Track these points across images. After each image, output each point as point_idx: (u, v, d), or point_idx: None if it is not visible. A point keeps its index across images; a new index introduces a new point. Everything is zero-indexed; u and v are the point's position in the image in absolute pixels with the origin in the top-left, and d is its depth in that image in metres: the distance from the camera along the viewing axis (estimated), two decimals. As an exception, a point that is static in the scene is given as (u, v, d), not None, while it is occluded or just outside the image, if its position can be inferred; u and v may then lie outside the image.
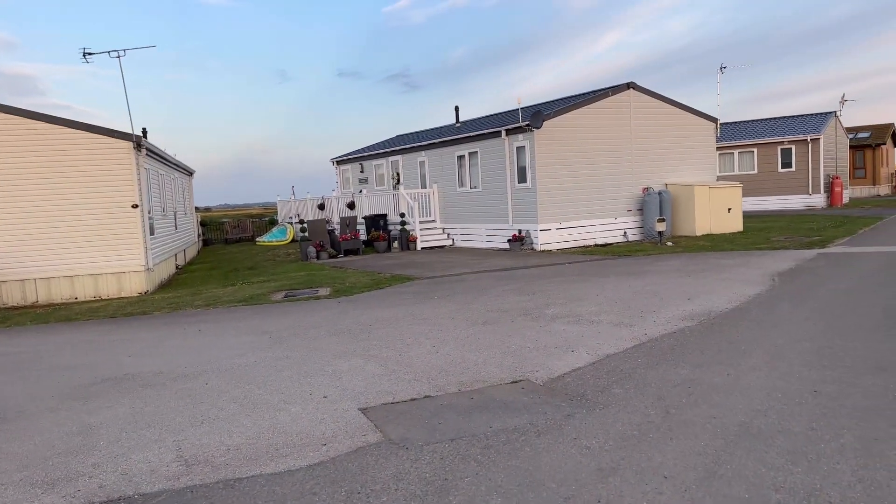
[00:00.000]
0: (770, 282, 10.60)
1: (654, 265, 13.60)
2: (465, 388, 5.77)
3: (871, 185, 41.71)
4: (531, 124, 17.89)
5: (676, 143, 20.87)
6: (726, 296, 9.54)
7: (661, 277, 11.68)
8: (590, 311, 8.96)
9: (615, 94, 19.61)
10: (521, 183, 18.76)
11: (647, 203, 19.62)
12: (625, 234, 19.87)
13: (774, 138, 31.89)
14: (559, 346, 7.06)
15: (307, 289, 12.98)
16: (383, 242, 20.59)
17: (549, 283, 11.78)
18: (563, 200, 18.55)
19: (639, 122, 19.99)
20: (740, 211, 21.06)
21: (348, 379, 6.28)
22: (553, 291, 10.81)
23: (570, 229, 18.79)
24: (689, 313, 8.44)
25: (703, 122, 21.66)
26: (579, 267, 14.12)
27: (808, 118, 33.44)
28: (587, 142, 18.96)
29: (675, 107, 20.93)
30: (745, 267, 12.46)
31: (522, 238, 18.65)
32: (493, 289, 11.56)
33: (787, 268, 12.03)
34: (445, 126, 26.34)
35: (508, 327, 8.17)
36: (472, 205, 20.88)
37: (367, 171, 26.62)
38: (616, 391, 5.44)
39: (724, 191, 20.73)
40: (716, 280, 11.06)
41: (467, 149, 20.88)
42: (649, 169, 20.26)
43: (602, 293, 10.35)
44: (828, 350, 6.24)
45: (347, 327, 8.78)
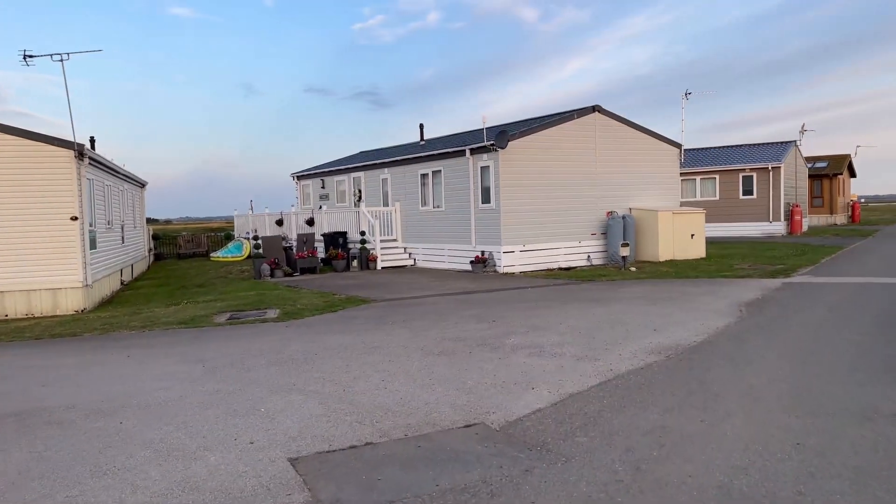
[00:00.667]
0: (738, 312, 10.23)
1: (618, 292, 13.18)
2: (412, 433, 5.14)
3: (828, 214, 42.45)
4: (496, 144, 17.47)
5: (641, 168, 20.68)
6: (693, 327, 9.11)
7: (625, 305, 11.24)
8: (552, 341, 8.42)
9: (581, 116, 19.35)
10: (484, 203, 18.29)
11: (612, 227, 19.33)
12: (588, 258, 19.52)
13: (736, 165, 32.17)
14: (519, 383, 6.48)
15: (255, 310, 12.21)
16: (342, 261, 19.87)
17: (510, 310, 11.25)
18: (526, 222, 18.12)
19: (604, 146, 19.75)
20: (703, 237, 20.93)
21: (282, 420, 5.60)
22: (514, 319, 10.27)
23: (533, 252, 18.35)
24: (657, 346, 7.97)
25: (667, 148, 21.55)
26: (542, 292, 13.63)
27: (770, 147, 33.87)
28: (552, 164, 18.61)
29: (639, 131, 20.77)
30: (711, 296, 12.11)
31: (485, 260, 18.14)
32: (452, 314, 10.97)
33: (754, 298, 11.71)
34: (409, 144, 25.84)
35: (465, 359, 7.58)
36: (434, 224, 20.34)
37: (329, 187, 25.91)
38: (580, 440, 4.88)
39: (688, 217, 20.58)
40: (682, 310, 10.66)
41: (431, 167, 20.37)
42: (613, 193, 20.00)
43: (565, 322, 9.84)
44: (806, 394, 5.78)
45: (291, 356, 8.07)
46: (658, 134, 21.28)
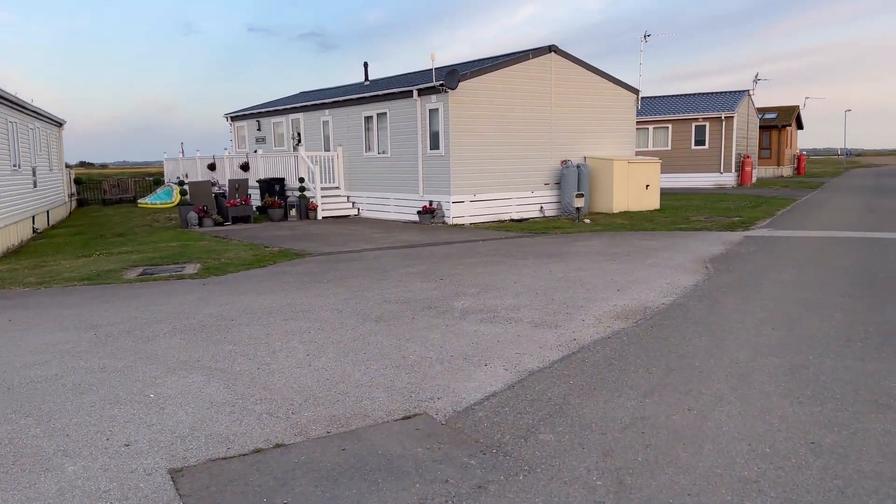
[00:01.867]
0: (704, 269, 9.47)
1: (574, 245, 12.31)
2: (336, 429, 4.10)
3: (775, 166, 42.68)
4: (445, 84, 16.16)
5: (597, 114, 19.70)
6: (660, 286, 8.28)
7: (584, 261, 10.35)
8: (507, 304, 7.45)
9: (536, 57, 18.12)
10: (433, 150, 17.07)
11: (566, 177, 18.41)
12: (541, 210, 18.62)
13: (689, 115, 31.59)
14: (469, 358, 5.49)
15: (173, 264, 10.86)
16: (279, 210, 18.45)
17: (460, 265, 10.23)
18: (478, 171, 17.02)
19: (560, 90, 18.64)
20: (658, 188, 20.25)
21: (174, 410, 4.47)
22: (464, 276, 9.26)
23: (484, 202, 17.32)
24: (622, 309, 7.09)
25: (624, 94, 20.59)
26: (494, 245, 12.65)
27: (723, 95, 33.37)
28: (506, 108, 17.44)
29: (597, 75, 19.71)
30: (672, 251, 11.35)
31: (433, 210, 17.03)
32: (396, 271, 9.89)
33: (718, 253, 10.99)
34: (353, 84, 24.18)
35: (408, 326, 6.54)
36: (380, 172, 19.03)
37: (265, 129, 24.14)
38: (545, 437, 3.92)
39: (643, 166, 19.82)
40: (644, 266, 9.84)
41: (376, 109, 18.93)
42: (568, 140, 19.02)
43: (520, 280, 8.88)
44: (803, 371, 4.96)
45: (202, 322, 6.88)
46: (616, 78, 20.26)
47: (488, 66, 17.41)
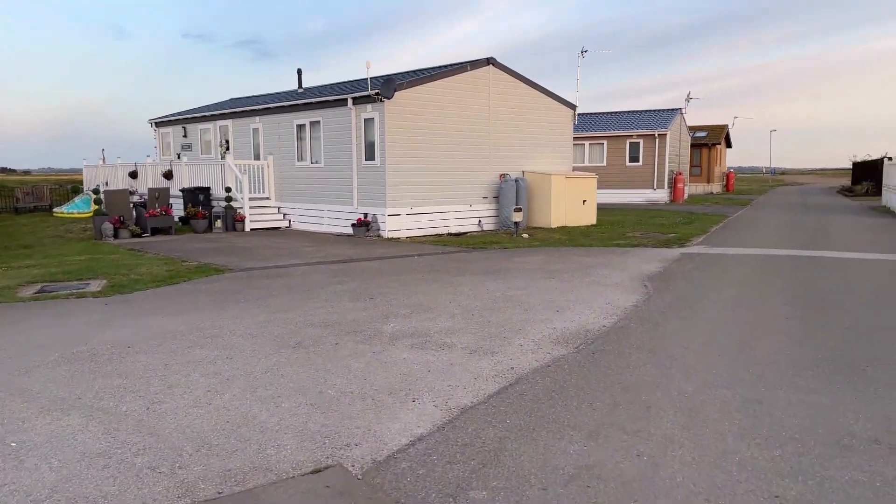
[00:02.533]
0: (643, 288, 9.17)
1: (512, 261, 11.90)
2: (229, 488, 3.44)
3: (706, 183, 43.81)
4: (381, 93, 15.60)
5: (535, 128, 19.52)
6: (600, 307, 7.91)
7: (522, 279, 9.93)
8: (441, 327, 6.91)
9: (474, 69, 17.80)
10: (368, 160, 16.45)
11: (504, 191, 18.10)
12: (479, 223, 18.24)
13: (624, 132, 32.00)
14: (396, 392, 4.90)
15: (76, 280, 9.87)
16: (203, 221, 17.43)
17: (393, 283, 9.64)
18: (414, 183, 16.49)
19: (498, 103, 18.36)
20: (595, 203, 20.21)
21: (36, 464, 3.71)
22: (397, 295, 8.68)
23: (421, 215, 16.79)
24: (562, 333, 6.65)
25: (562, 108, 20.51)
26: (430, 261, 12.12)
27: (657, 114, 33.99)
28: (443, 119, 17.01)
29: (535, 89, 19.55)
30: (610, 268, 11.07)
31: (368, 223, 16.39)
32: (323, 289, 9.21)
33: (656, 270, 10.77)
34: (286, 92, 23.34)
35: (330, 354, 5.90)
36: (312, 182, 18.26)
37: (192, 136, 22.98)
38: (477, 495, 3.37)
39: (581, 182, 19.73)
40: (583, 284, 9.48)
41: (309, 117, 18.18)
42: (507, 154, 18.74)
43: (456, 299, 8.36)
44: (757, 406, 4.59)
45: (94, 350, 6.06)
46: (553, 93, 20.17)
47: (425, 76, 16.96)
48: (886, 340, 6.27)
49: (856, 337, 6.38)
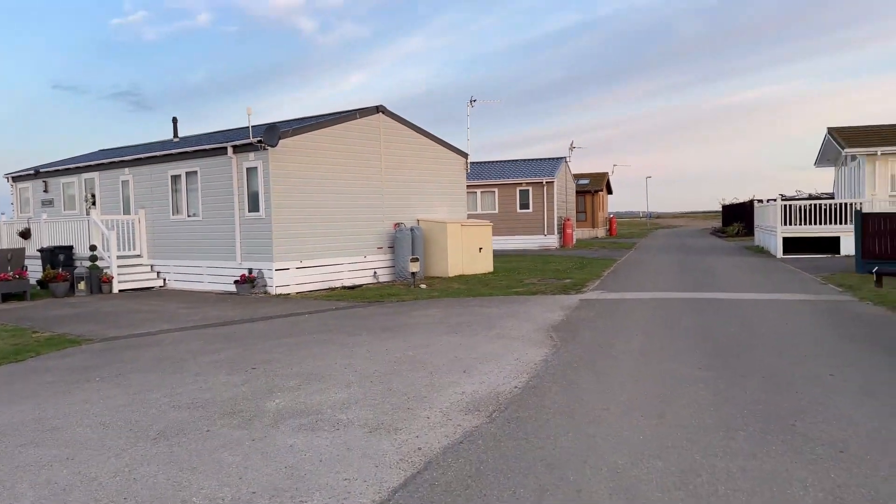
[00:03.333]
0: (549, 340, 8.72)
1: (412, 315, 11.19)
2: None
3: (591, 228, 45.34)
4: (264, 141, 14.69)
5: (428, 177, 19.19)
6: (509, 364, 7.33)
7: (424, 335, 9.23)
8: (335, 399, 6.05)
9: (364, 116, 17.29)
10: (252, 212, 15.37)
11: (399, 240, 17.49)
12: (375, 275, 17.47)
13: (514, 179, 32.51)
14: (279, 493, 4.01)
15: None
16: (63, 284, 15.58)
17: (280, 347, 8.66)
18: (304, 234, 15.55)
19: (389, 151, 17.89)
20: (491, 251, 19.99)
21: None
22: (284, 362, 7.72)
23: (312, 269, 15.81)
24: (472, 398, 5.97)
25: (454, 157, 20.36)
26: (323, 319, 11.18)
27: (544, 162, 34.88)
28: (334, 168, 16.28)
29: (426, 137, 19.29)
30: (514, 318, 10.60)
31: (254, 279, 15.21)
32: (198, 359, 8.09)
33: (560, 319, 10.40)
34: (160, 141, 21.82)
35: (199, 446, 4.90)
36: (190, 237, 16.87)
37: (54, 190, 20.89)
38: None
39: (476, 229, 19.49)
40: (488, 338, 8.91)
41: (185, 167, 16.90)
42: (401, 202, 18.22)
43: (352, 364, 7.52)
44: (696, 478, 4.07)
45: None
46: (445, 141, 19.99)
47: (312, 123, 16.24)
48: (803, 389, 6.04)
49: (774, 387, 6.12)
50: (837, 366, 6.83)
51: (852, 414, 5.20)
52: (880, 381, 6.19)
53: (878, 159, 21.99)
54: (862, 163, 22.76)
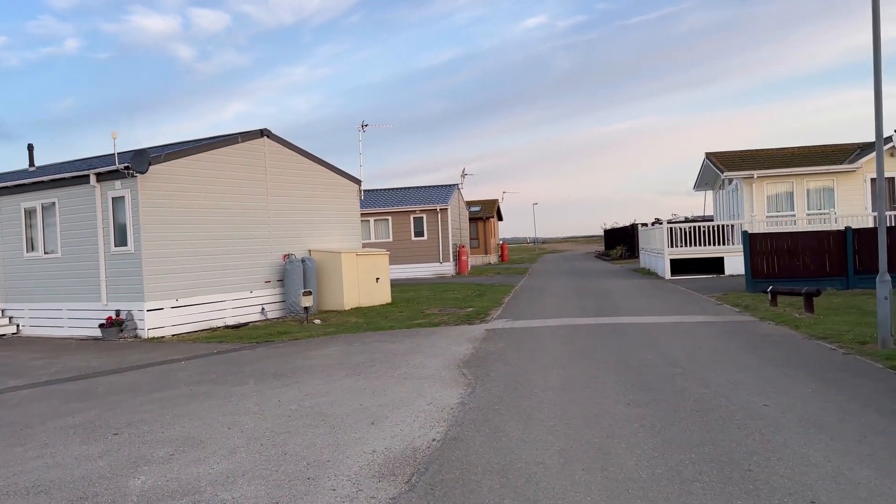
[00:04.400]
0: (462, 378, 7.97)
1: (307, 357, 10.11)
2: None
3: (483, 254, 45.49)
4: (132, 167, 13.17)
5: (320, 205, 18.14)
6: (422, 410, 6.49)
7: (322, 381, 8.21)
8: (216, 472, 4.96)
9: (246, 140, 16.07)
10: (120, 246, 13.71)
11: (290, 273, 16.27)
12: (263, 311, 16.12)
13: (408, 207, 31.91)
14: None
15: None
16: None
17: (150, 404, 7.36)
18: (181, 270, 14.04)
19: (277, 178, 16.73)
20: (388, 281, 19.13)
21: None
22: (154, 424, 6.47)
23: (190, 307, 14.29)
24: (386, 458, 5.08)
25: (346, 183, 19.44)
26: (203, 366, 9.86)
27: (437, 189, 34.55)
28: (213, 196, 14.91)
29: (316, 163, 18.28)
30: (420, 354, 9.79)
31: (122, 322, 13.52)
32: (47, 424, 6.68)
33: (469, 353, 9.69)
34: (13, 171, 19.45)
35: (29, 555, 3.70)
36: (47, 276, 14.87)
37: None
38: None
39: (372, 259, 18.58)
40: (395, 380, 8.03)
41: (41, 199, 14.95)
42: (290, 232, 17.04)
43: (237, 422, 6.41)
44: (670, 553, 3.39)
45: None
46: (336, 167, 19.05)
47: (188, 148, 14.85)
48: (744, 424, 5.60)
49: (714, 424, 5.64)
50: (768, 394, 6.51)
51: (806, 452, 4.77)
52: (818, 411, 5.88)
53: (754, 182, 23.19)
54: (739, 185, 23.95)
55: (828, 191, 22.99)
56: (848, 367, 7.63)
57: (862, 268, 15.45)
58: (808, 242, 15.77)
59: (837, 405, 5.98)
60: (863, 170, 22.54)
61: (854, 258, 15.46)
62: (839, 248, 15.54)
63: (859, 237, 15.51)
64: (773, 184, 23.34)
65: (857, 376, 7.11)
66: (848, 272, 15.50)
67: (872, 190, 22.55)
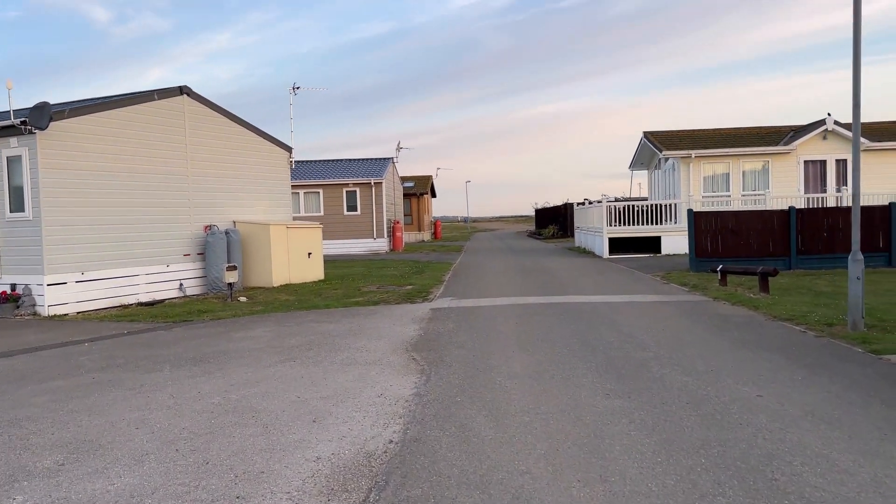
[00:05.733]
0: (414, 364, 7.08)
1: (233, 339, 8.97)
2: None
3: (417, 231, 44.55)
4: (31, 122, 11.52)
5: (247, 172, 16.73)
6: (372, 403, 5.57)
7: (250, 367, 7.14)
8: (118, 490, 3.90)
9: (164, 98, 14.51)
10: (15, 212, 12.06)
11: (212, 245, 14.89)
12: (182, 287, 14.71)
13: (340, 180, 30.54)
14: None
15: None
16: None
17: (41, 396, 6.13)
18: (87, 240, 12.51)
19: (198, 141, 15.23)
20: (321, 256, 17.96)
21: None
22: (44, 423, 5.29)
23: (99, 282, 12.78)
24: (333, 469, 4.15)
25: (276, 150, 18.05)
26: (109, 348, 8.58)
27: (371, 162, 33.28)
28: (126, 159, 13.35)
29: (243, 127, 16.83)
30: (363, 336, 8.83)
31: (18, 297, 11.92)
32: None
33: (416, 335, 8.81)
34: None
35: None
36: (-73, 245, 12.96)
37: None
38: None
39: (305, 232, 17.35)
40: (337, 366, 7.06)
41: (-81, 156, 12.96)
42: (213, 201, 15.61)
43: (147, 420, 5.30)
44: None
45: None
46: (265, 133, 17.63)
47: (97, 103, 13.21)
48: (746, 419, 4.95)
49: (711, 419, 4.97)
50: (756, 382, 5.91)
51: (830, 455, 4.13)
52: (819, 402, 5.29)
53: (691, 162, 23.14)
54: (677, 165, 23.87)
55: (763, 172, 23.20)
56: (827, 351, 7.17)
57: (804, 248, 15.42)
58: (753, 222, 15.62)
59: (837, 395, 5.42)
60: (797, 152, 22.83)
61: (797, 238, 15.40)
62: (783, 228, 15.45)
63: (802, 218, 15.46)
64: (710, 164, 23.36)
65: (842, 361, 6.63)
66: (791, 252, 15.44)
67: (806, 172, 22.90)
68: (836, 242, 15.22)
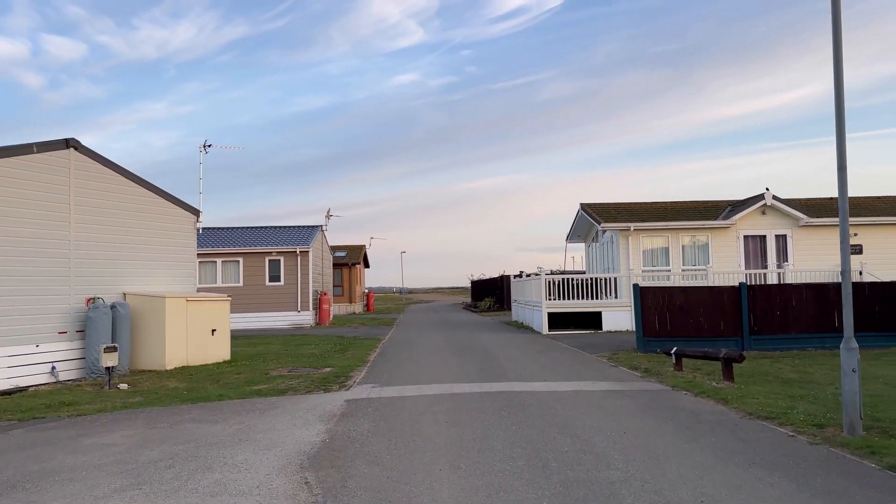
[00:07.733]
0: (306, 493, 5.22)
1: (76, 448, 6.86)
2: None
3: (348, 303, 42.42)
4: None
5: (143, 237, 14.70)
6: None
7: (76, 500, 5.11)
8: None
9: (44, 151, 12.53)
10: None
11: (93, 321, 12.67)
12: (53, 371, 12.34)
13: (263, 248, 28.46)
14: None
15: None
16: None
17: None
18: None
19: (86, 203, 13.22)
20: (228, 333, 15.83)
21: None
22: None
23: (-65, 368, 10.37)
24: None
25: (180, 213, 16.11)
26: None
27: (298, 230, 31.39)
28: (-14, 217, 11.21)
29: (142, 187, 14.91)
30: (249, 445, 6.88)
31: None
32: None
33: (320, 442, 6.94)
34: None
35: None
36: None
37: None
38: None
39: (209, 306, 15.26)
40: (198, 497, 5.12)
41: None
42: (100, 270, 13.46)
43: None
44: None
45: None
46: (168, 194, 15.71)
47: (-46, 151, 11.12)
48: None
49: None
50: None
51: None
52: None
53: (630, 235, 22.32)
54: (615, 238, 23.03)
55: (703, 247, 22.57)
56: (835, 468, 5.71)
57: (757, 328, 14.35)
58: (703, 298, 14.52)
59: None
60: (736, 226, 22.36)
61: (749, 317, 14.34)
62: (734, 306, 14.39)
63: (754, 295, 14.46)
64: (649, 237, 22.62)
65: (861, 486, 5.15)
66: (743, 332, 14.34)
67: (746, 246, 22.39)
68: (790, 322, 14.24)
